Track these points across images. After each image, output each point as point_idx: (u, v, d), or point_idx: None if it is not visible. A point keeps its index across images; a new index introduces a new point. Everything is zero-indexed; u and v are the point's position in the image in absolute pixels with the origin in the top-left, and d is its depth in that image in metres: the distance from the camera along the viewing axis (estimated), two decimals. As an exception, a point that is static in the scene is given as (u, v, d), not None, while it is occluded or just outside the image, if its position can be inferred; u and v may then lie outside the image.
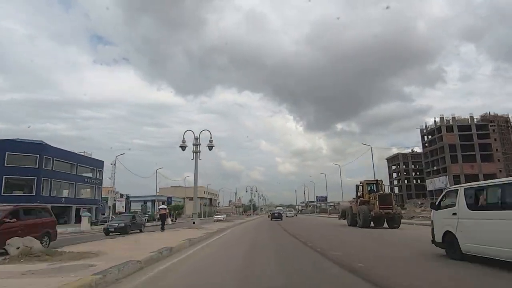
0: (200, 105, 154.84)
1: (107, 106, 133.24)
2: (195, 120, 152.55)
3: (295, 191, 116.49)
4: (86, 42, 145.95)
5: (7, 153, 41.38)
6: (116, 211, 44.99)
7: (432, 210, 8.94)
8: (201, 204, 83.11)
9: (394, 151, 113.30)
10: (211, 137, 24.28)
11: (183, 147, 23.35)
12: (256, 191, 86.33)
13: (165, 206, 34.47)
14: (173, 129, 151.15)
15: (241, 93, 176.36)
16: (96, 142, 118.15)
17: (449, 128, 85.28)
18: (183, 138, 23.20)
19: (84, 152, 55.16)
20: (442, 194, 8.65)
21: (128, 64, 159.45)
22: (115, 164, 50.27)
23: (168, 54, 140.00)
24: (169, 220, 39.16)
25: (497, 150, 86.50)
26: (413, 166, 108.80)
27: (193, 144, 23.27)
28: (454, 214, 7.61)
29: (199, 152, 23.42)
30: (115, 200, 47.53)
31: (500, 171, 79.86)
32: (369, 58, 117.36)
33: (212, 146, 24.22)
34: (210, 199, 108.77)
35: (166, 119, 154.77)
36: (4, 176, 41.03)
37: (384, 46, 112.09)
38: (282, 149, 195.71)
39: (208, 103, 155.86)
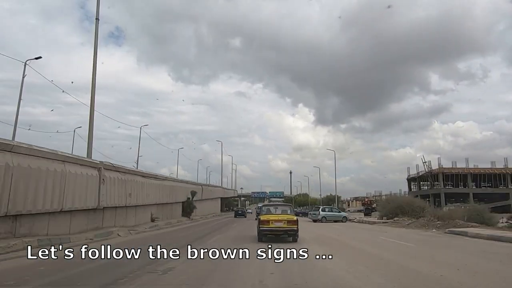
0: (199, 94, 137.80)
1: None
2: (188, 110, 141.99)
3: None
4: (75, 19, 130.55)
5: None
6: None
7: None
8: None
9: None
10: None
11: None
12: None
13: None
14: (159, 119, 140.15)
15: (242, 82, 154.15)
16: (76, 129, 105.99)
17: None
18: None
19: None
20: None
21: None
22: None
23: (175, 33, 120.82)
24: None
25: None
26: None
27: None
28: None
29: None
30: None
31: None
32: (413, 45, 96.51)
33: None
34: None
35: (153, 109, 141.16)
36: None
37: (434, 32, 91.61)
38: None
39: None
